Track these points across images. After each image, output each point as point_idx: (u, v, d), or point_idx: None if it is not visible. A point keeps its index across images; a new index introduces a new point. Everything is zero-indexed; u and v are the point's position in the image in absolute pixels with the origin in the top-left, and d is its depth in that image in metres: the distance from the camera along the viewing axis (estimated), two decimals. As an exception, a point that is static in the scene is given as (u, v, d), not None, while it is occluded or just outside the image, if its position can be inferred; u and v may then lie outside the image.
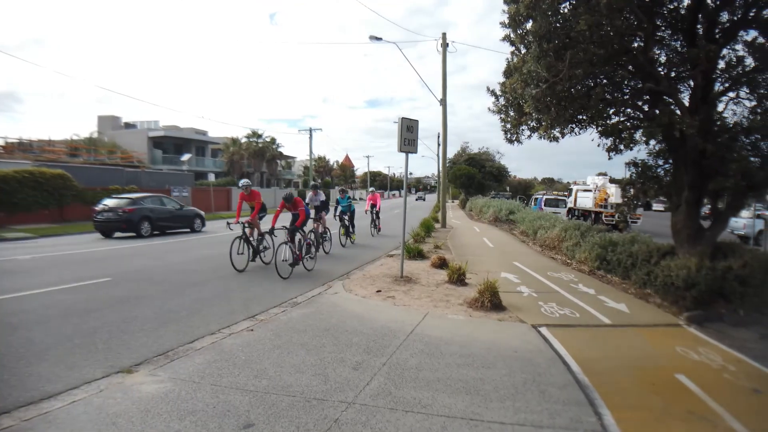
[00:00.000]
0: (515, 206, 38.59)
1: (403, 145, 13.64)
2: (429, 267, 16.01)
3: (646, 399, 6.87)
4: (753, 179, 11.85)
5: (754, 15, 12.05)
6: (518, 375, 7.26)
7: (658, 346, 9.42)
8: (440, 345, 8.47)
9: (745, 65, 12.87)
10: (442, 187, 37.80)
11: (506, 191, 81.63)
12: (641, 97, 13.14)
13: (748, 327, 10.91)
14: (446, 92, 33.13)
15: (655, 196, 14.79)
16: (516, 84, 12.25)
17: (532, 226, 26.20)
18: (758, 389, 7.51)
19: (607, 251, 15.75)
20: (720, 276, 11.48)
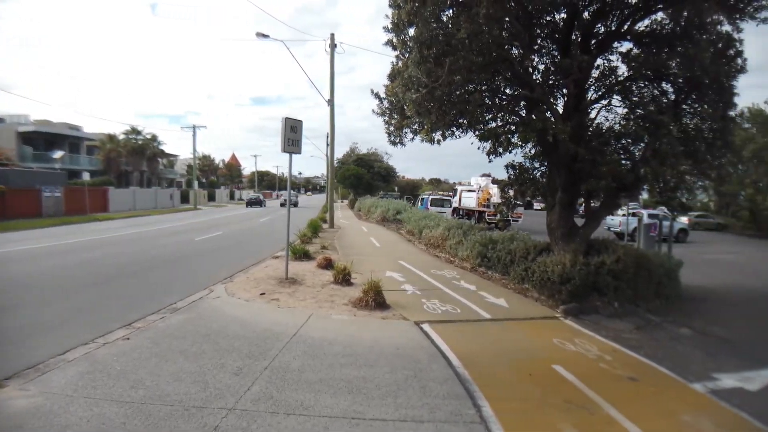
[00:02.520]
0: (402, 206, 39.15)
1: (287, 146, 13.53)
2: (315, 268, 15.97)
3: (525, 390, 7.23)
4: (623, 180, 12.71)
5: (628, 28, 12.90)
6: (400, 372, 7.44)
7: (536, 339, 9.95)
8: (324, 346, 8.52)
9: (618, 75, 13.79)
10: (330, 187, 37.81)
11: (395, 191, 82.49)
12: (519, 103, 13.76)
13: (622, 318, 11.81)
14: (334, 92, 33.23)
15: (532, 196, 15.62)
16: (398, 88, 12.48)
17: (418, 225, 26.72)
18: (634, 377, 8.09)
19: (488, 249, 16.40)
20: (594, 271, 12.37)
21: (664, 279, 13.69)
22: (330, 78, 33.11)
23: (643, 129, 12.38)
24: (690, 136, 13.27)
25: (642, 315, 12.21)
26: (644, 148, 12.83)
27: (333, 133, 34.45)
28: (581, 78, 12.55)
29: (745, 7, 11.28)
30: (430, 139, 13.24)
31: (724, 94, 13.03)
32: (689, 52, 11.85)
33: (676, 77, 13.12)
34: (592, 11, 12.66)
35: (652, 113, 12.37)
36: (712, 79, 12.50)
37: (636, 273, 12.68)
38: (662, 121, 11.91)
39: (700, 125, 13.58)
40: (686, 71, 12.53)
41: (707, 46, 12.24)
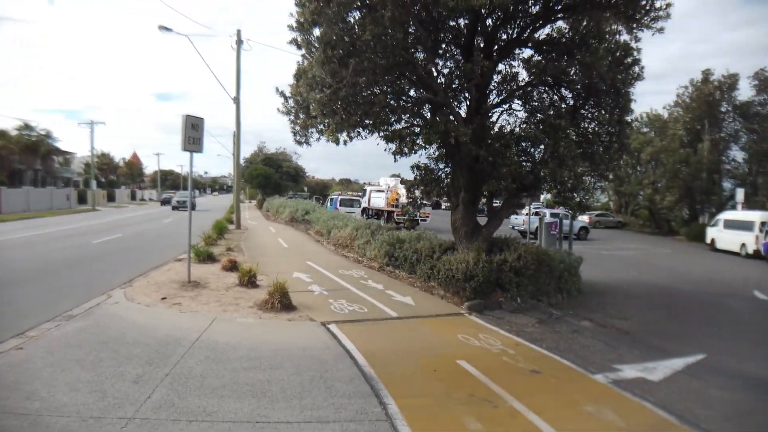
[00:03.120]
0: (311, 206, 38.99)
1: (188, 144, 13.20)
2: (219, 270, 15.68)
3: (430, 386, 7.41)
4: (523, 181, 13.25)
5: (528, 35, 13.40)
6: (306, 373, 7.45)
7: (441, 335, 10.23)
8: (227, 350, 8.39)
9: (519, 80, 14.35)
10: (237, 187, 37.25)
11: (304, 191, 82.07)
12: (423, 106, 14.06)
13: (525, 313, 12.35)
14: (240, 90, 32.66)
15: (437, 196, 15.98)
16: (302, 87, 12.47)
17: (326, 225, 26.73)
18: (536, 370, 8.44)
19: (395, 248, 16.67)
20: (496, 268, 12.84)
21: (564, 274, 14.44)
22: (236, 75, 32.58)
23: (542, 132, 12.93)
24: (588, 140, 14.01)
25: (544, 309, 12.83)
26: (544, 150, 13.40)
27: (239, 131, 33.90)
28: (483, 82, 12.97)
29: (642, 18, 11.91)
30: (335, 140, 13.27)
31: (621, 100, 13.81)
32: (587, 60, 12.45)
33: (575, 84, 13.79)
34: (495, 18, 13.07)
35: (550, 117, 12.97)
36: (609, 85, 13.22)
37: (537, 269, 13.27)
38: (560, 125, 12.50)
39: (597, 129, 14.36)
40: (584, 78, 13.19)
41: (605, 54, 12.91)
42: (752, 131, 42.84)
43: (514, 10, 12.28)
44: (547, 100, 14.53)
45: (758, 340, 11.58)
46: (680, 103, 46.65)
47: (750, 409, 7.37)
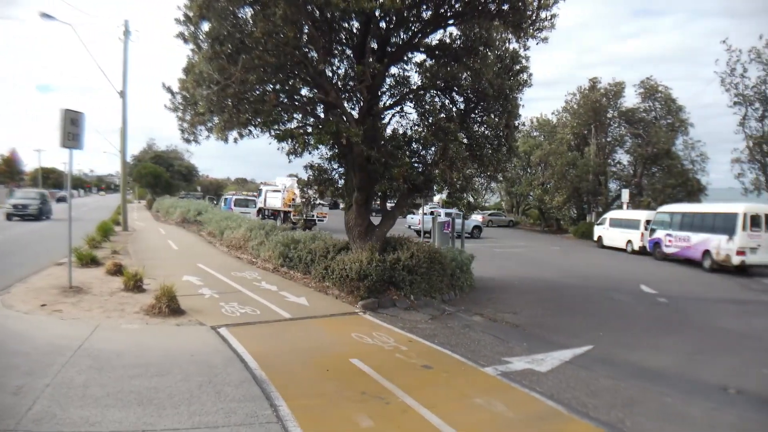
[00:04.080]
0: (204, 207, 38.17)
1: (66, 140, 12.53)
2: (104, 275, 15.08)
3: (322, 385, 7.51)
4: (415, 182, 13.60)
5: (419, 40, 13.74)
6: (194, 379, 7.35)
7: (335, 335, 10.39)
8: (112, 358, 8.06)
9: (411, 84, 14.70)
10: (124, 186, 35.93)
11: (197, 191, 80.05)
12: (316, 106, 14.14)
13: (418, 310, 12.76)
14: (127, 84, 31.57)
15: (331, 196, 16.15)
16: (189, 83, 12.23)
17: (219, 226, 26.30)
18: (428, 365, 8.75)
19: (290, 249, 16.72)
20: (390, 267, 13.18)
21: (457, 272, 15.08)
22: (123, 68, 31.46)
23: (433, 135, 13.37)
24: (477, 143, 14.58)
25: (437, 306, 13.30)
26: (435, 152, 13.83)
27: (126, 127, 32.65)
28: (375, 85, 13.22)
29: (528, 27, 12.46)
30: (223, 138, 13.08)
31: (509, 106, 14.47)
32: (476, 66, 12.95)
33: (466, 89, 14.36)
34: (387, 22, 13.34)
35: (441, 121, 13.39)
36: (498, 91, 13.84)
37: (430, 267, 13.76)
38: (450, 129, 12.99)
39: (486, 133, 14.98)
40: (475, 83, 13.71)
41: (494, 61, 13.49)
42: (637, 136, 45.57)
43: (406, 14, 12.60)
44: (438, 104, 15.05)
45: (644, 331, 12.35)
46: (568, 108, 49.11)
47: (636, 398, 7.84)
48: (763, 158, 31.44)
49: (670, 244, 28.23)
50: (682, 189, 41.51)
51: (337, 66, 14.58)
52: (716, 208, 26.71)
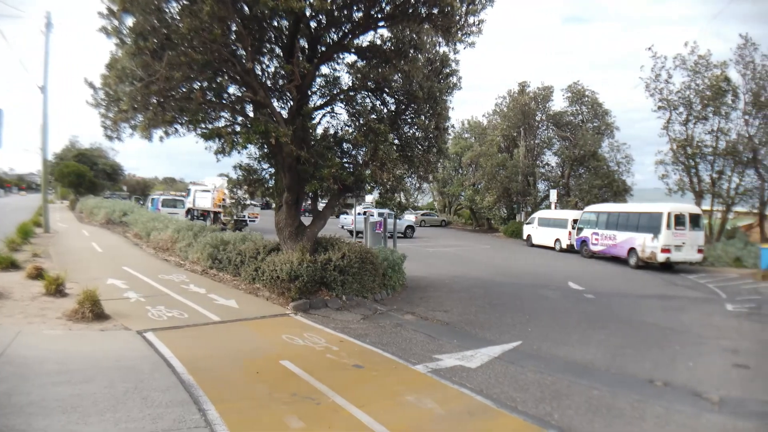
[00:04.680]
0: (130, 207, 37.16)
1: (-17, 139, 12.12)
2: (24, 279, 14.47)
3: (252, 388, 7.46)
4: (345, 182, 13.58)
5: (349, 41, 13.73)
6: (120, 385, 7.16)
7: (265, 337, 10.32)
8: (34, 365, 7.77)
9: (342, 84, 14.72)
10: (44, 186, 34.60)
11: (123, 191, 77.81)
12: (244, 104, 13.94)
13: (350, 310, 12.86)
14: (47, 78, 30.33)
15: (261, 196, 15.98)
16: (111, 79, 11.87)
17: (145, 227, 25.68)
18: (359, 364, 8.83)
19: (219, 250, 16.51)
20: (321, 267, 13.20)
21: (389, 271, 15.24)
22: (44, 62, 30.26)
23: (364, 136, 13.40)
24: (408, 144, 14.71)
25: (369, 306, 13.42)
26: (365, 153, 13.86)
27: (46, 123, 31.32)
28: (304, 84, 13.18)
29: (456, 32, 12.62)
30: (147, 136, 12.74)
31: (438, 108, 14.66)
32: (406, 69, 13.03)
33: (397, 90, 14.47)
34: (318, 22, 13.32)
35: (371, 122, 13.44)
36: (427, 94, 14.00)
37: (361, 267, 13.87)
38: (380, 129, 13.07)
39: (417, 134, 15.17)
40: (405, 85, 13.83)
41: (425, 64, 13.62)
42: (564, 138, 46.97)
43: (336, 15, 12.61)
44: (369, 105, 15.21)
45: (571, 327, 12.69)
46: (498, 111, 50.17)
47: (563, 391, 8.08)
48: (687, 160, 32.76)
49: (597, 243, 29.27)
50: (608, 189, 42.95)
51: (267, 65, 14.47)
52: (641, 208, 27.94)
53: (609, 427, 6.82)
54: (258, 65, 13.57)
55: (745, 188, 32.73)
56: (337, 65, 14.92)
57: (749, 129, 31.40)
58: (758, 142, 31.08)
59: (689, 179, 33.25)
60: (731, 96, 31.60)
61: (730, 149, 31.63)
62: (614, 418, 7.12)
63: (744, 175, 32.65)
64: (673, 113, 33.26)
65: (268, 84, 13.84)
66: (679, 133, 33.34)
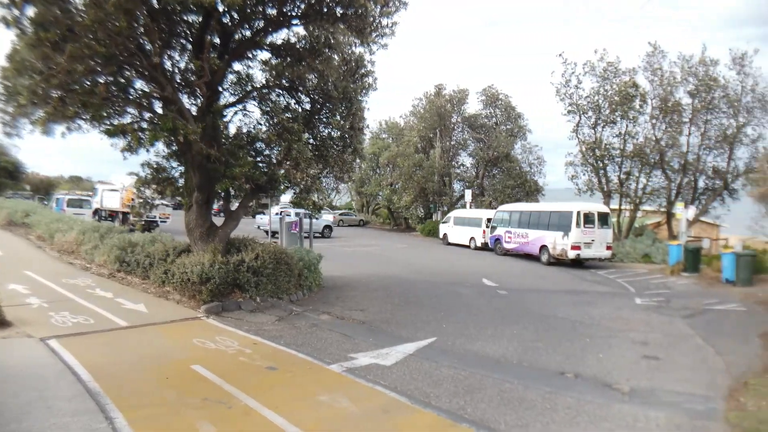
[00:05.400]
0: (33, 207, 35.44)
1: None
2: None
3: (161, 394, 7.27)
4: (257, 182, 13.41)
5: (262, 39, 13.54)
6: (23, 395, 6.88)
7: (175, 341, 10.09)
8: None
9: (255, 82, 14.48)
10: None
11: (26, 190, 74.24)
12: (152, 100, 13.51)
13: (265, 312, 12.72)
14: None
15: (171, 196, 15.53)
16: (9, 72, 11.31)
17: (49, 229, 24.51)
18: (273, 366, 8.74)
19: (127, 252, 15.94)
20: (234, 269, 13.01)
21: (304, 272, 15.16)
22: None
23: (277, 135, 13.29)
24: (324, 143, 14.68)
25: (284, 307, 13.29)
26: (278, 152, 13.73)
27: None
28: (215, 81, 12.91)
29: (371, 32, 12.68)
30: (47, 132, 12.16)
31: (354, 108, 14.67)
32: (320, 68, 13.00)
33: (312, 89, 14.40)
34: (230, 17, 13.03)
35: (285, 120, 13.32)
36: (343, 94, 14.01)
37: (276, 268, 13.74)
38: (294, 129, 12.98)
39: (332, 134, 15.13)
40: (320, 85, 13.80)
41: (340, 64, 13.59)
42: (479, 140, 48.17)
43: (249, 11, 12.42)
44: (283, 104, 15.07)
45: (485, 322, 12.93)
46: (415, 113, 50.78)
47: (476, 385, 8.24)
48: (595, 162, 34.20)
49: (510, 241, 30.09)
50: (521, 189, 44.37)
51: (178, 60, 14.07)
52: (552, 207, 29.04)
53: (520, 420, 6.97)
54: (168, 60, 13.22)
55: (652, 188, 34.67)
56: (251, 62, 14.64)
57: (656, 132, 33.09)
58: (665, 144, 32.90)
59: (598, 180, 34.80)
60: (639, 101, 33.22)
61: (637, 151, 33.32)
62: (526, 410, 7.29)
63: (651, 176, 34.50)
64: (583, 117, 34.69)
65: (177, 79, 13.45)
66: (588, 136, 34.85)
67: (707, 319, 14.41)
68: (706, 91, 31.02)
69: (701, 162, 33.04)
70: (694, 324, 13.56)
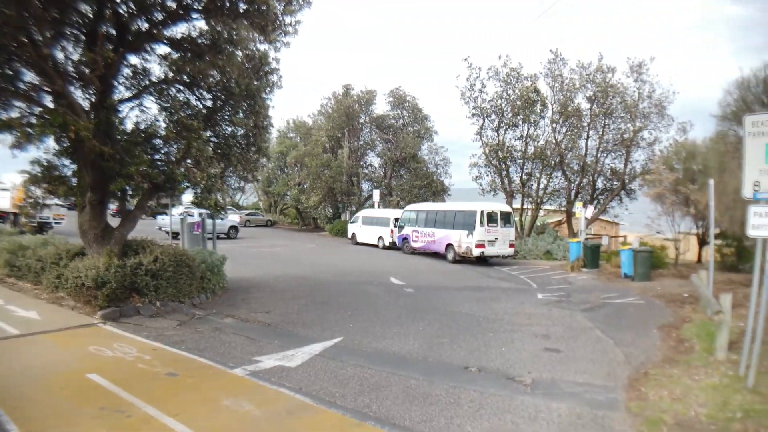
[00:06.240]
0: None
1: None
2: None
3: (57, 405, 6.95)
4: (155, 181, 12.92)
5: (159, 32, 13.04)
6: None
7: (71, 350, 9.61)
8: None
9: (152, 76, 13.95)
10: None
11: None
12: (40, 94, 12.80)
13: (165, 316, 12.32)
14: None
15: (64, 196, 14.71)
16: None
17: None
18: (173, 372, 8.47)
19: (17, 256, 15.11)
20: (131, 272, 12.46)
21: (207, 274, 14.76)
22: None
23: (174, 132, 12.84)
24: (226, 142, 14.33)
25: (186, 311, 12.95)
26: (177, 150, 13.31)
27: None
28: (109, 74, 12.34)
29: (273, 30, 12.48)
30: None
31: (257, 106, 14.37)
32: (222, 64, 12.67)
33: (214, 86, 14.00)
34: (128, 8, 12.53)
35: (183, 118, 12.92)
36: (245, 91, 13.69)
37: (176, 271, 13.29)
38: (193, 126, 12.58)
39: (235, 132, 14.77)
40: (223, 81, 13.44)
41: (244, 60, 13.30)
42: (387, 141, 48.47)
43: (147, 2, 12.05)
44: (184, 100, 14.57)
45: (392, 320, 13.03)
46: (324, 112, 50.54)
47: (382, 383, 8.30)
48: (498, 163, 35.19)
49: (417, 240, 30.55)
50: (427, 189, 45.04)
51: (71, 51, 13.33)
52: (457, 207, 29.72)
53: (425, 415, 7.07)
54: (61, 52, 12.50)
55: (553, 189, 36.19)
56: (149, 56, 14.03)
57: (557, 135, 34.39)
58: (564, 147, 34.27)
59: (501, 180, 35.82)
60: (540, 105, 34.52)
61: (538, 154, 34.59)
62: (430, 405, 7.40)
63: (552, 177, 35.96)
64: (486, 120, 35.62)
65: (71, 72, 12.76)
66: (492, 138, 35.80)
67: (606, 312, 15.01)
68: (603, 97, 32.33)
69: (600, 164, 34.47)
70: (593, 317, 14.12)
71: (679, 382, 8.42)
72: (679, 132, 31.61)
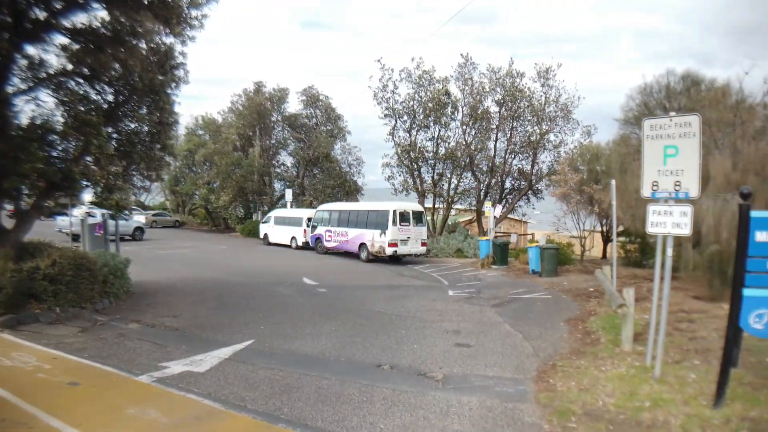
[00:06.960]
0: None
1: None
2: None
3: (-47, 419, 6.50)
4: (52, 179, 12.25)
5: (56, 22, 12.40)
6: None
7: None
8: None
9: (49, 68, 13.21)
10: None
11: None
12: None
13: (66, 323, 11.67)
14: None
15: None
16: None
17: None
18: (75, 382, 8.02)
19: None
20: (27, 277, 11.73)
21: (110, 278, 14.16)
22: None
23: (72, 127, 12.24)
24: (129, 139, 13.77)
25: (88, 317, 12.32)
26: (75, 147, 12.71)
27: None
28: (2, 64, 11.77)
29: (178, 23, 12.10)
30: None
31: (161, 102, 13.88)
32: (123, 57, 12.16)
33: (116, 80, 13.43)
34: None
35: (82, 112, 12.33)
36: (149, 86, 13.18)
37: (76, 275, 12.62)
38: (92, 121, 12.01)
39: (138, 128, 14.21)
40: (125, 75, 12.90)
41: (148, 54, 12.80)
42: (299, 140, 48.14)
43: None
44: (83, 94, 13.83)
45: (304, 321, 12.87)
46: (234, 109, 49.54)
47: (294, 384, 8.17)
48: (410, 163, 35.67)
49: (330, 239, 30.51)
50: (341, 189, 45.00)
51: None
52: (370, 206, 29.93)
53: (338, 414, 7.02)
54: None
55: (463, 188, 36.99)
56: (47, 46, 13.33)
57: (467, 137, 35.13)
58: (474, 148, 35.07)
59: (413, 180, 36.31)
60: (451, 108, 35.20)
61: (449, 155, 35.31)
62: (343, 405, 7.36)
63: (462, 177, 36.76)
64: (399, 121, 35.98)
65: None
66: (404, 139, 36.19)
67: (515, 307, 15.38)
68: (512, 100, 33.34)
69: (508, 165, 35.53)
70: (503, 312, 14.43)
71: (587, 373, 8.68)
72: (584, 135, 33.40)
